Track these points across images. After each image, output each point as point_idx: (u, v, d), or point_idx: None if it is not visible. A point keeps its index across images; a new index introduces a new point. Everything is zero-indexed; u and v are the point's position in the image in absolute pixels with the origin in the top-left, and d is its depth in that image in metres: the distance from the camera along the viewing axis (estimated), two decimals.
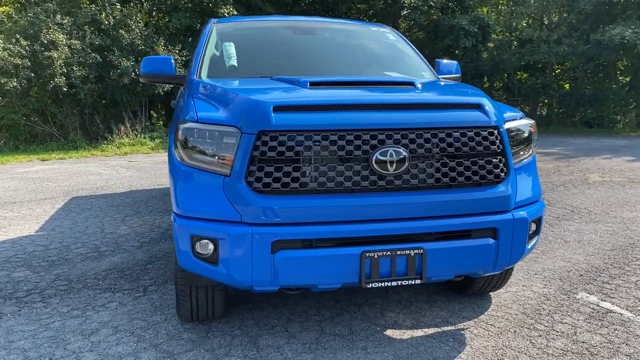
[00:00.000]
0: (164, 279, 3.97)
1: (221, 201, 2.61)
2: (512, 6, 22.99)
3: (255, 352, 2.88)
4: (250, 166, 2.54)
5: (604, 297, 3.60)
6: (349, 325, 3.19)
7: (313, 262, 2.56)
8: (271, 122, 2.53)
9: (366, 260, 2.58)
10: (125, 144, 13.95)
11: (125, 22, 13.66)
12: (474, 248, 2.73)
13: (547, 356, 2.83)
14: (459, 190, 2.72)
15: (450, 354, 2.85)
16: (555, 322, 3.22)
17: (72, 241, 4.97)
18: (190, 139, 2.70)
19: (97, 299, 3.62)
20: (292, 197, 2.55)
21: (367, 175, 2.58)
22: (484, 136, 2.75)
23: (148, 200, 6.85)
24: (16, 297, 3.66)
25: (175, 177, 2.78)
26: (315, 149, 2.53)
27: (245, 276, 2.56)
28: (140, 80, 4.04)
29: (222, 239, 2.55)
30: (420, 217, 2.67)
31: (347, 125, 2.57)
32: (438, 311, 3.40)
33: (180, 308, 3.06)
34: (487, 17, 20.06)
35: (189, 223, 2.64)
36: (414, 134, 2.63)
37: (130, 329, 3.15)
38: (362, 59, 4.19)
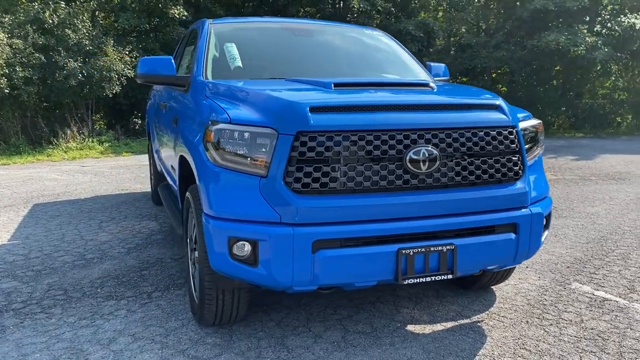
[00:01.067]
0: (166, 285, 3.88)
1: (258, 202, 2.60)
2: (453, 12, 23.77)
3: (287, 352, 2.88)
4: (289, 167, 2.54)
5: (596, 287, 3.83)
6: (369, 323, 3.24)
7: (352, 261, 2.59)
8: (309, 123, 2.55)
9: (402, 257, 2.64)
10: (73, 148, 13.37)
11: (72, 21, 13.11)
12: (498, 243, 2.86)
13: (564, 343, 2.99)
14: (483, 188, 2.83)
15: (475, 346, 2.96)
16: (560, 312, 3.40)
17: (53, 249, 4.76)
18: (223, 140, 2.67)
19: (102, 307, 3.49)
20: (330, 196, 2.58)
21: (400, 174, 2.64)
22: (505, 135, 2.88)
23: (118, 205, 6.63)
24: (13, 308, 3.48)
25: (207, 179, 2.73)
26: (351, 149, 2.57)
27: (286, 277, 2.56)
28: (137, 81, 3.93)
29: (263, 240, 2.54)
30: (450, 214, 2.76)
31: (382, 126, 2.63)
32: (449, 305, 3.51)
33: (205, 312, 3.00)
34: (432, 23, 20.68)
35: (226, 225, 2.62)
36: (443, 133, 2.72)
37: (149, 336, 3.07)
38: (361, 60, 4.26)
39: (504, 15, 22.96)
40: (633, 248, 4.82)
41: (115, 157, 12.57)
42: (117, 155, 12.76)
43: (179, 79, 3.76)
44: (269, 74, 3.71)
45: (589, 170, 9.75)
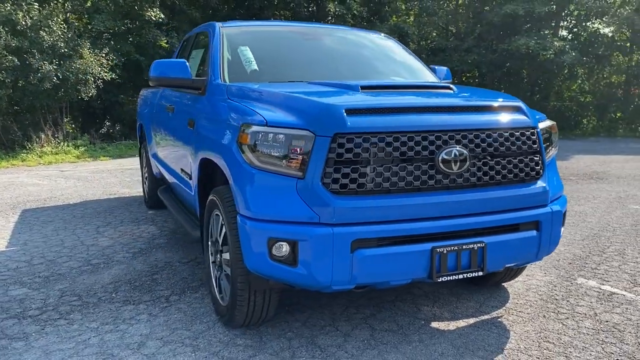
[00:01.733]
0: (181, 288, 3.86)
1: (296, 203, 2.64)
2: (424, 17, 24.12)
3: (320, 351, 2.92)
4: (327, 168, 2.59)
5: (601, 282, 3.99)
6: (394, 321, 3.31)
7: (388, 260, 2.65)
8: (346, 125, 2.60)
9: (436, 256, 2.71)
10: (48, 152, 13.06)
11: (46, 23, 12.82)
12: (523, 240, 2.96)
13: (584, 335, 3.11)
14: (508, 187, 2.93)
15: (500, 340, 3.05)
16: (573, 306, 3.53)
17: (55, 255, 4.67)
18: (259, 142, 2.70)
19: (122, 312, 3.46)
20: (366, 197, 2.64)
21: (433, 174, 2.72)
22: (528, 136, 2.99)
23: (111, 210, 6.53)
24: (30, 315, 3.42)
25: (243, 181, 2.75)
26: (386, 150, 2.64)
27: (326, 276, 2.60)
28: (150, 84, 3.91)
29: (304, 240, 2.58)
30: (479, 213, 2.85)
31: (415, 127, 2.70)
32: (466, 302, 3.60)
33: (236, 313, 3.01)
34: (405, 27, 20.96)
35: (266, 226, 2.64)
36: (472, 134, 2.81)
37: (178, 339, 3.07)
38: (371, 63, 4.33)
39: (473, 20, 23.43)
40: (626, 244, 5.01)
41: (93, 161, 12.34)
42: (95, 160, 12.53)
43: (194, 81, 3.75)
44: (286, 77, 3.74)
45: (567, 171, 10.05)
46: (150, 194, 6.34)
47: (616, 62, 22.52)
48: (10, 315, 3.41)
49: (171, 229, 5.58)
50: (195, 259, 4.55)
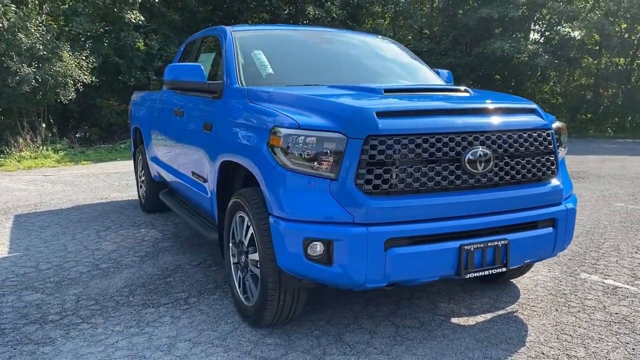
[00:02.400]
0: (198, 290, 3.89)
1: (330, 203, 2.71)
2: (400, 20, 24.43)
3: (349, 348, 2.99)
4: (359, 169, 2.67)
5: (603, 276, 4.16)
6: (415, 317, 3.40)
7: (419, 258, 2.75)
8: (378, 127, 2.68)
9: (464, 253, 2.81)
10: (27, 157, 12.81)
11: (24, 25, 12.59)
12: (541, 237, 3.09)
13: (597, 327, 3.25)
14: (527, 186, 3.06)
15: (520, 334, 3.18)
16: (582, 300, 3.69)
17: (61, 260, 4.63)
18: (292, 145, 2.76)
19: (144, 315, 3.47)
20: (398, 197, 2.73)
21: (459, 174, 2.83)
22: (544, 137, 3.12)
23: (106, 214, 6.48)
24: (50, 320, 3.40)
25: (277, 182, 2.81)
26: (416, 151, 2.73)
27: (361, 274, 2.67)
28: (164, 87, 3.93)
29: (339, 240, 2.65)
30: (502, 212, 2.97)
31: (443, 129, 2.81)
32: (480, 298, 3.72)
33: (265, 312, 3.06)
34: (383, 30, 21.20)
35: (301, 226, 2.71)
36: (495, 135, 2.93)
37: (207, 340, 3.10)
38: (381, 66, 4.43)
39: (448, 23, 23.83)
40: (619, 240, 5.22)
41: (75, 165, 12.15)
42: (76, 164, 12.34)
43: (210, 85, 3.79)
44: (301, 81, 3.80)
45: None
46: (148, 198, 6.31)
47: (586, 64, 23.19)
48: (31, 321, 3.39)
49: (173, 232, 5.57)
50: (205, 261, 4.57)
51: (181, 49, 5.40)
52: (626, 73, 23.20)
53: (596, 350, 2.97)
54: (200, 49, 4.76)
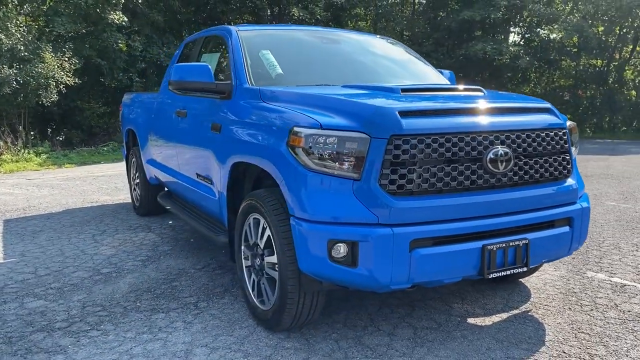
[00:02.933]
0: (206, 295, 3.81)
1: (354, 204, 2.67)
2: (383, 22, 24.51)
3: (370, 351, 2.96)
4: (383, 169, 2.64)
5: (609, 274, 4.19)
6: (431, 319, 3.38)
7: (443, 258, 2.72)
8: (402, 127, 2.65)
9: (486, 253, 2.80)
10: (7, 160, 12.51)
11: (4, 26, 12.30)
12: (558, 236, 3.09)
13: (613, 325, 3.27)
14: (545, 185, 3.07)
15: (538, 332, 3.17)
16: (593, 298, 3.71)
17: (60, 265, 4.51)
18: (314, 145, 2.72)
19: (154, 320, 3.39)
20: (422, 197, 2.70)
21: (481, 174, 2.81)
22: (560, 136, 3.13)
23: (100, 218, 6.34)
24: (58, 328, 3.30)
25: (298, 183, 2.76)
26: (439, 150, 2.71)
27: (386, 276, 2.64)
28: (170, 89, 3.85)
29: (364, 241, 2.61)
30: (522, 211, 2.96)
31: (465, 128, 2.79)
32: (492, 298, 3.72)
33: (284, 315, 3.00)
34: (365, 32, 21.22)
35: (325, 228, 2.66)
36: (514, 134, 2.92)
37: (224, 345, 3.03)
38: (389, 66, 4.42)
39: (430, 25, 23.98)
40: (618, 238, 5.28)
41: (58, 169, 11.91)
42: (60, 167, 12.10)
43: (219, 85, 3.72)
44: (311, 81, 3.76)
45: None
46: (142, 201, 6.20)
47: (565, 66, 23.56)
48: (37, 329, 3.28)
49: (171, 235, 5.47)
50: (208, 265, 4.49)
51: (180, 49, 5.30)
52: (603, 74, 23.64)
53: (616, 348, 2.98)
54: (201, 49, 4.68)
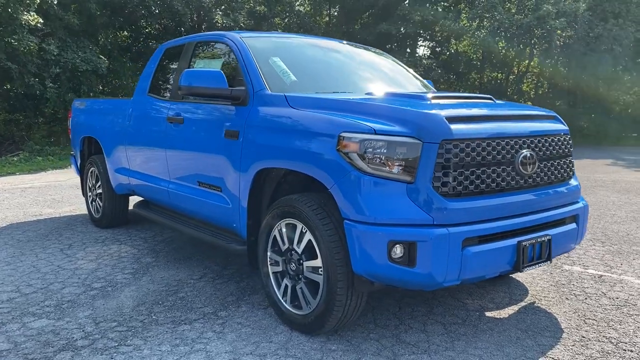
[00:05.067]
0: (220, 304, 3.75)
1: (409, 206, 2.79)
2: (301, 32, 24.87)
3: (415, 347, 3.08)
4: (436, 172, 2.79)
5: (583, 267, 4.62)
6: (453, 315, 3.57)
7: (488, 255, 2.92)
8: (452, 133, 2.83)
9: (521, 249, 3.03)
10: None
11: None
12: (569, 232, 3.41)
13: (611, 311, 3.64)
14: (559, 185, 3.38)
15: (552, 321, 3.46)
16: (582, 288, 4.08)
17: (42, 282, 4.21)
18: (368, 150, 2.82)
19: (182, 332, 3.29)
20: (470, 198, 2.89)
21: (514, 175, 3.06)
22: (567, 140, 3.47)
23: (56, 231, 5.94)
24: (81, 346, 3.11)
25: (354, 187, 2.84)
26: (482, 154, 2.92)
27: (442, 274, 2.78)
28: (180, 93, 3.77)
29: (423, 241, 2.74)
30: (545, 209, 3.24)
31: (502, 134, 3.03)
32: (496, 293, 3.98)
33: (330, 318, 3.04)
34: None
35: (385, 230, 2.76)
36: (537, 139, 3.20)
37: (271, 352, 3.02)
38: (386, 75, 4.59)
39: (346, 37, 24.66)
40: None
41: None
42: None
43: (233, 92, 3.69)
44: (323, 88, 3.85)
45: None
46: (106, 212, 5.90)
47: (471, 78, 25.17)
48: (59, 348, 3.08)
49: (147, 246, 5.27)
50: (205, 275, 4.40)
51: (157, 55, 5.14)
52: (503, 87, 25.53)
53: (624, 330, 3.33)
54: (193, 55, 4.58)
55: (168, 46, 5.10)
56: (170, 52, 5.03)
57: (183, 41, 4.89)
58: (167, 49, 5.08)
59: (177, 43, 4.99)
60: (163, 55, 5.10)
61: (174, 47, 5.01)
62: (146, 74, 5.14)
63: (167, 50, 5.07)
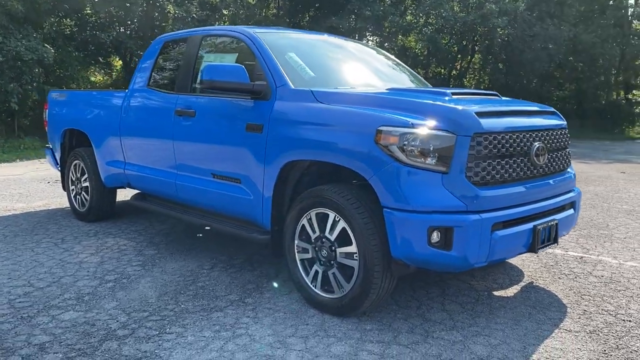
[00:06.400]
0: (243, 291, 3.88)
1: (445, 194, 3.04)
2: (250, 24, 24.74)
3: (442, 325, 3.34)
4: (468, 163, 3.06)
5: (564, 250, 5.05)
6: (466, 295, 3.86)
7: (511, 238, 3.22)
8: (482, 127, 3.10)
9: (536, 232, 3.35)
10: None
11: None
12: (569, 217, 3.78)
13: (601, 287, 4.04)
14: (561, 174, 3.74)
15: (554, 298, 3.82)
16: (570, 268, 4.49)
17: (52, 277, 4.17)
18: (408, 142, 3.04)
19: (218, 318, 3.41)
20: (496, 186, 3.18)
21: (529, 165, 3.37)
22: (565, 133, 3.84)
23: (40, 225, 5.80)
24: (123, 335, 3.17)
25: (395, 177, 3.05)
26: (506, 146, 3.21)
27: (474, 256, 3.06)
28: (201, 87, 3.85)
29: (459, 226, 3.00)
30: (552, 196, 3.58)
31: (521, 127, 3.36)
32: (497, 275, 4.30)
33: (365, 301, 3.24)
34: None
35: (425, 217, 3.00)
36: (546, 132, 3.54)
37: (310, 333, 3.20)
38: (391, 71, 4.83)
39: None
40: None
41: None
42: None
43: (255, 86, 3.81)
44: (340, 84, 4.03)
45: None
46: (94, 206, 5.83)
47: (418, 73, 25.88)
48: (101, 338, 3.13)
49: (143, 239, 5.28)
50: (215, 265, 4.49)
51: (156, 48, 5.12)
52: (446, 81, 26.44)
53: (617, 304, 3.73)
54: (200, 49, 4.62)
55: (167, 39, 5.10)
56: (170, 45, 5.05)
57: (185, 34, 4.92)
58: (166, 42, 5.09)
59: (178, 36, 5.02)
60: (161, 49, 5.09)
61: (174, 40, 5.03)
62: (144, 67, 5.12)
63: (166, 44, 5.08)
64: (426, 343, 3.11)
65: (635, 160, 14.06)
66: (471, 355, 2.97)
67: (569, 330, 3.30)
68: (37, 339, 3.13)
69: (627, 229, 5.97)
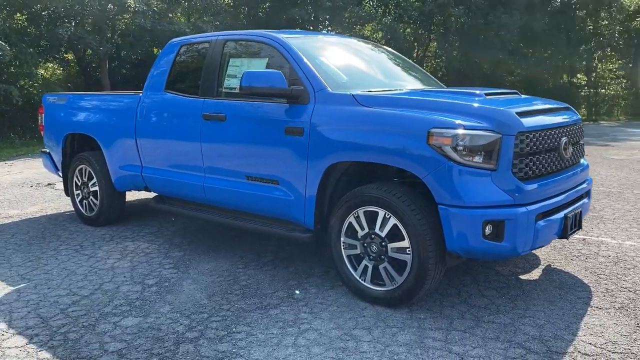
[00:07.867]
0: (288, 288, 4.04)
1: (494, 190, 3.31)
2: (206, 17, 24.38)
3: (486, 310, 3.62)
4: (513, 160, 3.33)
5: None
6: (498, 281, 4.15)
7: (548, 226, 3.52)
8: (524, 126, 3.38)
9: (566, 220, 3.66)
10: None
11: None
12: (586, 205, 4.13)
13: (612, 266, 4.42)
14: (580, 165, 4.08)
15: (575, 279, 4.16)
16: (578, 250, 4.86)
17: (90, 284, 4.21)
18: (460, 143, 3.27)
19: (277, 315, 3.56)
20: (537, 180, 3.47)
21: (559, 159, 3.69)
22: (581, 128, 4.17)
23: (49, 231, 5.74)
24: (194, 337, 3.28)
25: (449, 176, 3.28)
26: (542, 142, 3.51)
27: (522, 245, 3.34)
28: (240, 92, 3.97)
29: (510, 219, 3.27)
30: (575, 187, 3.91)
31: (553, 125, 3.65)
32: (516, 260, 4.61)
33: (419, 292, 3.48)
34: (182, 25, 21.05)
35: (480, 212, 3.25)
36: (569, 128, 3.86)
37: (371, 325, 3.40)
38: (407, 71, 5.04)
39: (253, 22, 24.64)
40: None
41: None
42: None
43: (294, 91, 3.95)
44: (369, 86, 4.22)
45: None
46: (104, 210, 5.82)
47: None
48: (175, 342, 3.23)
49: (164, 240, 5.34)
50: (248, 264, 4.61)
51: (171, 52, 5.13)
52: None
53: (632, 280, 4.11)
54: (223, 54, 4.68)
55: (183, 43, 5.13)
56: (187, 49, 5.09)
57: (204, 39, 4.97)
58: (182, 46, 5.12)
59: (196, 40, 5.06)
60: (177, 52, 5.12)
61: (191, 44, 5.07)
62: (160, 71, 5.14)
63: (182, 47, 5.12)
64: (480, 327, 3.38)
65: (589, 142, 14.88)
66: (525, 335, 3.26)
67: (600, 308, 3.64)
68: (110, 346, 3.21)
69: (612, 210, 6.45)
